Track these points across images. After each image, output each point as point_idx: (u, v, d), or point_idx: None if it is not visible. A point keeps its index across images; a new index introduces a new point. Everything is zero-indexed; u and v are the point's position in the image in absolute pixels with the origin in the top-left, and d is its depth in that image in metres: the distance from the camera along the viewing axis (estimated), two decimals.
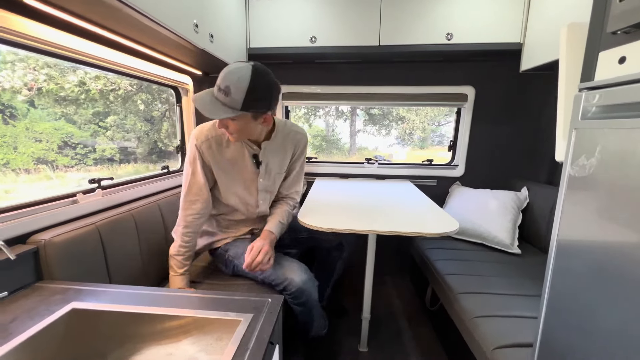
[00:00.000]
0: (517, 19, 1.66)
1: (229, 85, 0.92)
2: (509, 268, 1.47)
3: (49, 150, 1.48)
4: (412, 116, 3.62)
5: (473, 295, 1.24)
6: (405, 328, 1.71)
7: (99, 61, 1.15)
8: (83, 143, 1.84)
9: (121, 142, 1.92)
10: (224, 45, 1.52)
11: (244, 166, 1.17)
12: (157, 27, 1.03)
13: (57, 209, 0.95)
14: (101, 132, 2.00)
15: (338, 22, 1.74)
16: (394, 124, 3.71)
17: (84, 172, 1.87)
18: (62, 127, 1.54)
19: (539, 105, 1.93)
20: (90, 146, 1.80)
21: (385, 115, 3.61)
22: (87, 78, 1.81)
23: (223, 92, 0.92)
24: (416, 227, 1.21)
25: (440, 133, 3.64)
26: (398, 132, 3.68)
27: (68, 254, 0.88)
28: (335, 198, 1.65)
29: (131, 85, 2.18)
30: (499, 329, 1.01)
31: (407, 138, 3.66)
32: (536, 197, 1.79)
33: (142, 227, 1.18)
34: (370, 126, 3.82)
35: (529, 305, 1.16)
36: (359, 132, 3.84)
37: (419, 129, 3.69)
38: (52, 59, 1.04)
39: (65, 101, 1.66)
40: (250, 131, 1.07)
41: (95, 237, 0.97)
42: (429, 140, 3.64)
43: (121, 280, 1.05)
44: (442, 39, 1.70)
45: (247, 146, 1.16)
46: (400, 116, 3.66)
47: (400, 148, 3.60)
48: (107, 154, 2.08)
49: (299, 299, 1.12)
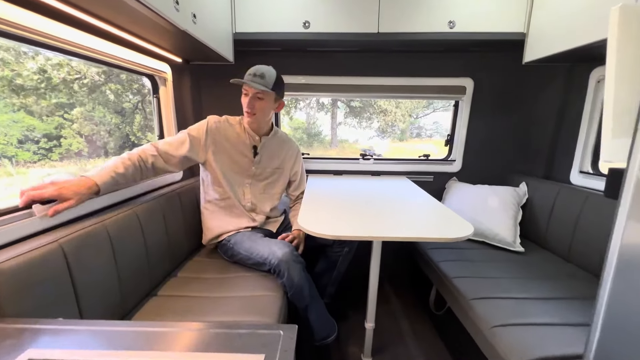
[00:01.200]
0: (521, 7, 1.58)
1: (264, 73, 1.29)
2: (516, 268, 1.42)
3: (8, 145, 1.37)
4: (393, 108, 3.57)
5: (486, 301, 1.17)
6: (408, 334, 1.64)
7: (62, 44, 0.97)
8: (47, 136, 1.65)
9: (90, 136, 1.74)
10: (208, 28, 1.34)
11: (242, 152, 1.41)
12: (132, 2, 0.85)
13: (6, 225, 0.77)
14: (67, 124, 1.78)
15: (334, 6, 1.59)
16: (374, 116, 3.65)
17: (48, 167, 1.67)
18: (21, 120, 1.43)
19: (538, 99, 1.89)
20: (54, 139, 1.61)
21: (366, 108, 3.54)
22: (47, 65, 1.60)
23: (259, 77, 1.27)
24: (428, 232, 1.12)
25: (418, 125, 3.63)
26: (379, 124, 3.62)
27: (23, 282, 0.70)
28: (335, 199, 1.53)
29: (99, 75, 1.95)
30: (523, 340, 0.95)
31: (388, 130, 3.62)
32: (535, 193, 1.76)
33: (117, 241, 1.00)
34: (351, 118, 3.75)
35: (545, 310, 1.10)
36: (340, 124, 3.75)
37: (400, 121, 3.65)
38: (5, 40, 0.83)
39: (24, 90, 1.46)
40: (267, 113, 1.37)
41: (58, 258, 0.79)
42: (408, 133, 3.62)
43: (94, 310, 0.88)
44: (445, 27, 1.60)
45: (250, 137, 1.41)
46: (382, 108, 3.61)
47: (380, 140, 3.57)
48: (74, 148, 1.84)
49: (281, 271, 1.19)
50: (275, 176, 1.51)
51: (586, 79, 1.60)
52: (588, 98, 1.59)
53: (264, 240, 1.34)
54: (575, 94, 1.68)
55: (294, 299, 1.24)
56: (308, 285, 1.25)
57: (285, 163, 1.54)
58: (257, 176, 1.47)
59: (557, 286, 1.26)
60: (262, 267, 1.29)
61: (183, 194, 1.48)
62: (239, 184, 1.44)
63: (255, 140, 1.42)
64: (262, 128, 1.43)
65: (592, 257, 1.38)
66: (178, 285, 1.26)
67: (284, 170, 1.54)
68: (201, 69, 1.85)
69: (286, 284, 1.21)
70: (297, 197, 1.62)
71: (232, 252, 1.39)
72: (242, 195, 1.45)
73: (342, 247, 1.49)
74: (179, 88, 1.69)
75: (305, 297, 1.24)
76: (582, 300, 1.17)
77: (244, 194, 1.45)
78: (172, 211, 1.37)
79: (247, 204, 1.46)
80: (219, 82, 1.90)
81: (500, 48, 1.77)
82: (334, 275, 1.55)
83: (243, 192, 1.45)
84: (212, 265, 1.42)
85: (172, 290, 1.22)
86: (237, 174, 1.42)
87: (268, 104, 1.34)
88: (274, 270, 1.23)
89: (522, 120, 1.95)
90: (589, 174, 1.61)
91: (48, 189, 0.83)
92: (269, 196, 1.52)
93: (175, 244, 1.37)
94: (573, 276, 1.36)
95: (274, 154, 1.49)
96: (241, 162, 1.42)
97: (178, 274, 1.35)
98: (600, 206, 1.36)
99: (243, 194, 1.45)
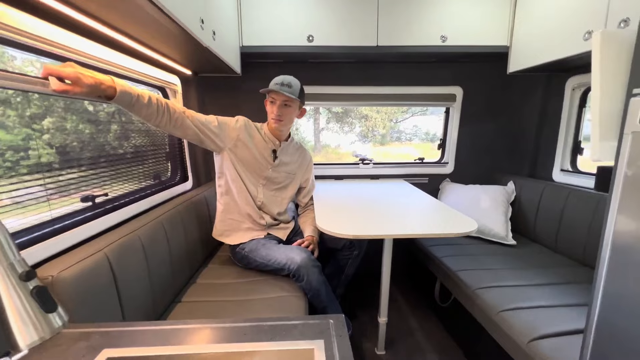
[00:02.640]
0: (504, 23, 1.75)
1: (290, 82, 1.37)
2: (511, 260, 1.56)
3: None
4: (374, 114, 3.70)
5: (490, 289, 1.29)
6: (416, 326, 1.73)
7: (72, 54, 0.94)
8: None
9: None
10: (223, 43, 1.41)
11: (262, 153, 1.47)
12: (164, 20, 0.91)
13: (59, 235, 0.80)
14: (35, 135, 1.69)
15: (337, 21, 1.70)
16: (356, 121, 3.77)
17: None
18: None
19: (521, 105, 2.07)
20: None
21: (348, 113, 3.66)
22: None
23: (287, 86, 1.35)
24: (436, 228, 1.23)
25: (397, 130, 3.79)
26: (361, 129, 3.74)
27: (80, 289, 0.74)
28: (344, 202, 1.62)
29: None
30: (529, 321, 1.06)
31: (370, 135, 3.74)
32: (522, 190, 1.92)
33: (148, 249, 1.04)
34: (333, 123, 3.85)
35: (542, 294, 1.23)
36: (322, 130, 3.84)
37: (380, 126, 3.80)
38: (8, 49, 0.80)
39: None
40: (291, 119, 1.46)
41: (105, 266, 0.83)
42: (388, 137, 3.77)
43: (133, 316, 0.92)
44: (437, 40, 1.74)
45: (271, 142, 1.48)
46: (363, 114, 3.73)
47: (362, 145, 3.68)
48: (44, 160, 1.78)
49: (301, 276, 1.26)
50: (288, 181, 1.57)
51: (563, 87, 1.79)
52: (565, 104, 1.78)
53: (280, 247, 1.39)
54: (553, 101, 1.87)
55: (313, 300, 1.31)
56: (325, 287, 1.32)
57: (299, 169, 1.60)
58: (272, 178, 1.51)
59: (549, 274, 1.40)
60: (280, 272, 1.35)
61: (197, 202, 1.53)
62: (253, 183, 1.48)
63: (275, 145, 1.48)
64: (284, 134, 1.50)
65: (577, 247, 1.54)
66: (200, 291, 1.29)
67: (297, 176, 1.60)
68: (208, 81, 1.90)
69: (305, 287, 1.27)
70: (307, 205, 1.69)
71: (247, 260, 1.43)
72: (256, 194, 1.48)
73: (352, 251, 1.56)
74: (187, 99, 1.73)
75: (323, 300, 1.31)
76: (572, 284, 1.31)
77: (257, 192, 1.49)
78: (189, 219, 1.41)
79: (258, 202, 1.50)
80: (225, 93, 1.96)
81: (487, 59, 1.93)
82: (342, 278, 1.62)
83: (257, 191, 1.49)
84: (228, 271, 1.46)
85: (195, 296, 1.26)
86: (254, 172, 1.47)
87: (294, 111, 1.43)
88: (293, 275, 1.29)
89: (508, 125, 2.13)
90: (569, 171, 1.79)
91: (68, 69, 0.79)
92: (278, 200, 1.56)
93: (193, 251, 1.41)
94: (561, 264, 1.51)
95: (290, 159, 1.55)
96: (260, 162, 1.46)
97: (197, 281, 1.38)
98: (582, 200, 1.53)
99: (256, 193, 1.49)
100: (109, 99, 0.92)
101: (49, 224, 0.85)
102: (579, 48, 1.36)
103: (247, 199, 1.46)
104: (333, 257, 1.61)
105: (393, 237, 1.21)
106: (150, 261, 1.04)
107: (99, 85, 0.86)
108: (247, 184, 1.45)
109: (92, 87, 0.84)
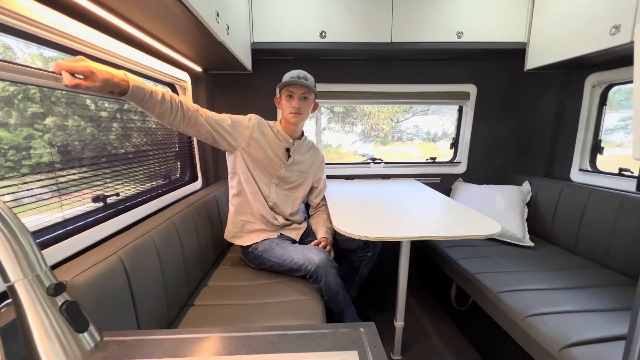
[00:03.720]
0: (521, 19, 1.71)
1: (306, 75, 1.35)
2: (530, 262, 1.51)
3: None
4: (376, 112, 3.66)
5: (513, 293, 1.24)
6: (431, 330, 1.69)
7: (82, 45, 0.90)
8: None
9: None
10: (236, 38, 1.37)
11: (275, 152, 1.42)
12: (180, 10, 0.87)
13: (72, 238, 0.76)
14: (37, 135, 1.66)
15: (350, 17, 1.65)
16: (357, 121, 3.73)
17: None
18: None
19: (537, 103, 2.02)
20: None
21: (349, 112, 3.62)
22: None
23: (303, 78, 1.33)
24: (454, 230, 1.19)
25: (399, 129, 3.75)
26: (364, 128, 3.70)
27: (94, 294, 0.70)
28: (356, 202, 1.58)
29: None
30: (558, 327, 1.01)
31: (372, 134, 3.70)
32: (538, 191, 1.87)
33: (162, 251, 1.00)
34: (334, 123, 3.81)
35: (569, 299, 1.18)
36: (324, 129, 3.81)
37: (384, 125, 3.75)
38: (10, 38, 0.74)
39: None
40: (309, 113, 1.42)
41: (119, 269, 0.79)
42: (389, 136, 3.73)
43: (148, 321, 0.88)
44: (453, 36, 1.69)
45: (284, 140, 1.44)
46: (365, 112, 3.69)
47: (363, 144, 3.64)
48: (45, 160, 1.75)
49: (319, 277, 1.22)
50: (300, 180, 1.53)
51: (582, 84, 1.74)
52: (585, 102, 1.73)
53: (295, 247, 1.35)
54: (571, 98, 1.82)
55: (330, 303, 1.27)
56: (342, 289, 1.28)
57: (311, 168, 1.56)
58: (285, 178, 1.47)
59: (572, 276, 1.35)
60: (296, 273, 1.31)
61: (208, 202, 1.48)
62: (266, 183, 1.44)
63: (288, 143, 1.44)
64: (298, 131, 1.46)
65: (598, 248, 1.49)
66: (212, 294, 1.25)
67: (309, 175, 1.56)
68: (218, 78, 1.85)
69: (323, 288, 1.23)
70: (318, 205, 1.64)
71: (260, 260, 1.39)
72: (268, 194, 1.45)
73: (366, 252, 1.52)
74: (196, 97, 1.69)
75: (341, 302, 1.27)
76: (596, 288, 1.27)
77: (269, 192, 1.45)
78: (201, 220, 1.36)
79: (271, 203, 1.46)
80: (235, 91, 1.92)
81: (502, 56, 1.89)
82: (356, 280, 1.59)
83: (269, 191, 1.45)
84: (239, 273, 1.42)
85: (208, 299, 1.22)
86: (267, 171, 1.43)
87: (311, 104, 1.40)
88: (311, 276, 1.25)
89: (522, 123, 2.08)
90: (588, 171, 1.74)
91: (80, 64, 0.77)
92: (291, 200, 1.53)
93: (204, 252, 1.37)
94: (583, 267, 1.46)
95: (303, 158, 1.52)
96: (273, 161, 1.42)
97: (208, 283, 1.34)
98: (604, 200, 1.48)
99: (269, 192, 1.45)
100: (122, 94, 0.88)
101: (61, 226, 0.81)
102: (604, 43, 1.31)
103: (260, 200, 1.42)
104: (346, 259, 1.57)
105: (412, 239, 1.16)
106: (164, 263, 1.00)
107: (111, 79, 0.83)
108: (259, 184, 1.41)
109: (104, 82, 0.81)
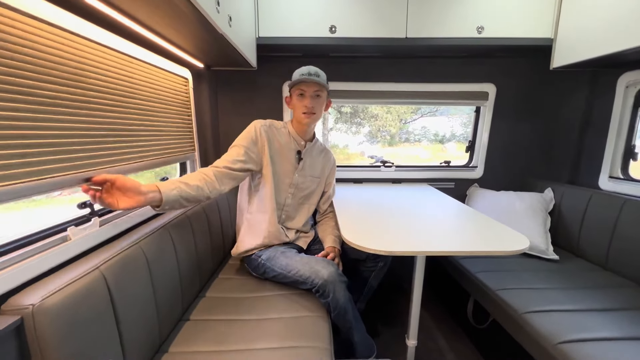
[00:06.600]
0: (548, 13, 1.57)
1: (318, 72, 1.25)
2: (557, 278, 1.38)
3: None
4: (384, 114, 3.58)
5: (541, 314, 1.12)
6: (445, 347, 1.57)
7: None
8: None
9: None
10: (239, 32, 1.27)
11: (287, 157, 1.33)
12: None
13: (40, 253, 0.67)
14: None
15: (362, 10, 1.54)
16: (365, 121, 3.66)
17: None
18: None
19: (562, 104, 1.88)
20: None
21: (357, 113, 3.54)
22: None
23: (315, 75, 1.22)
24: (476, 244, 1.07)
25: (406, 130, 3.65)
26: (371, 129, 3.62)
27: (68, 319, 0.60)
28: (366, 209, 1.46)
29: None
30: (596, 358, 0.89)
31: (379, 135, 3.62)
32: (563, 199, 1.74)
33: (153, 263, 0.91)
34: (341, 124, 3.74)
35: (606, 323, 1.05)
36: (331, 130, 3.74)
37: (391, 126, 3.66)
38: None
39: None
40: (322, 113, 1.31)
41: (101, 287, 0.70)
42: (397, 137, 3.64)
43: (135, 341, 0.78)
44: (473, 32, 1.57)
45: (295, 142, 1.34)
46: (372, 114, 3.62)
47: (370, 145, 3.57)
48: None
49: (326, 292, 1.12)
50: (314, 186, 1.43)
51: (614, 84, 1.60)
52: (617, 103, 1.59)
53: (302, 257, 1.25)
54: (601, 100, 1.68)
55: (337, 320, 1.17)
56: (351, 305, 1.18)
57: (323, 172, 1.46)
58: (299, 185, 1.37)
59: (607, 296, 1.22)
60: (302, 285, 1.21)
61: (207, 207, 1.39)
62: (282, 195, 1.35)
63: (300, 145, 1.35)
64: (309, 132, 1.36)
65: (633, 264, 1.35)
66: (209, 308, 1.16)
67: (322, 179, 1.46)
68: (220, 75, 1.77)
69: (331, 304, 1.13)
70: (326, 211, 1.53)
71: (264, 268, 1.29)
72: (283, 206, 1.36)
73: (376, 262, 1.41)
74: (198, 95, 1.60)
75: (349, 319, 1.17)
76: (636, 311, 1.13)
77: (284, 204, 1.36)
78: (199, 226, 1.27)
79: (284, 215, 1.37)
80: (239, 88, 1.82)
81: (525, 54, 1.76)
82: (365, 291, 1.48)
83: (284, 201, 1.36)
84: (240, 283, 1.33)
85: (204, 313, 1.12)
86: (281, 182, 1.33)
87: (324, 102, 1.30)
88: (317, 290, 1.14)
89: (545, 126, 1.94)
90: (619, 179, 1.60)
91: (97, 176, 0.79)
92: (306, 207, 1.44)
93: (203, 262, 1.27)
94: (617, 285, 1.32)
95: (315, 161, 1.42)
96: (286, 169, 1.33)
97: (206, 294, 1.25)
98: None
99: (284, 203, 1.36)
100: (156, 206, 0.89)
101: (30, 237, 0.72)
102: (637, 41, 1.18)
103: (273, 216, 1.32)
104: (355, 269, 1.46)
105: (429, 254, 1.04)
106: (156, 278, 0.91)
107: (144, 196, 0.83)
108: (277, 196, 1.33)
109: (139, 203, 0.82)
